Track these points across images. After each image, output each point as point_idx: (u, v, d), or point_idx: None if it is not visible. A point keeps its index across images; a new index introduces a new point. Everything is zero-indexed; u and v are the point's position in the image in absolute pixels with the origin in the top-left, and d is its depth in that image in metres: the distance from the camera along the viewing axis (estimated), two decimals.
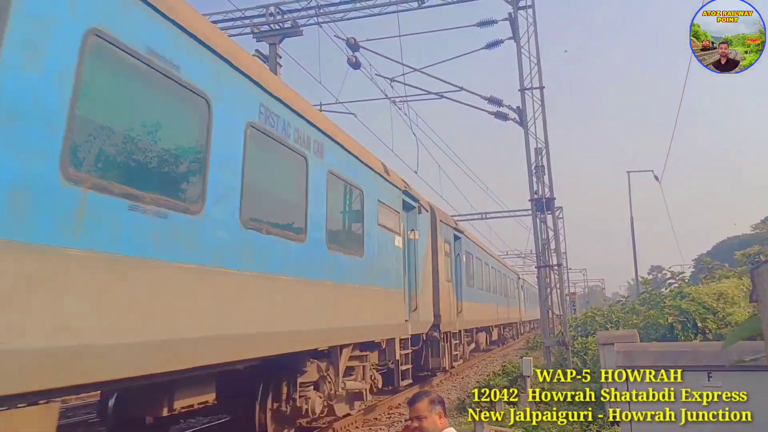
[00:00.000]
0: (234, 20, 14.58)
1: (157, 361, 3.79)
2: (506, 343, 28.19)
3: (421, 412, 3.09)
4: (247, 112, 5.09)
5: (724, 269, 16.31)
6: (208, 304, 4.33)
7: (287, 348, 5.58)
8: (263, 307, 5.15)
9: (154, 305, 3.75)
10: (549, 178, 13.44)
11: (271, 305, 5.29)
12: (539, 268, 13.73)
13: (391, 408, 10.36)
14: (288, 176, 6.08)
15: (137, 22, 3.81)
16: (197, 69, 4.38)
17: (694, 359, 4.18)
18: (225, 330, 4.52)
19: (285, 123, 5.78)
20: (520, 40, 13.64)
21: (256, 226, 5.07)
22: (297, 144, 6.02)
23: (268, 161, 5.62)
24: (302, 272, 5.91)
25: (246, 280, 4.86)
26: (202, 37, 4.44)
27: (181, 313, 3.99)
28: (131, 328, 3.54)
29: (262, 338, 5.14)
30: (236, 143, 4.88)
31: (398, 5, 14.01)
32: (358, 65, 14.78)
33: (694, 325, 10.26)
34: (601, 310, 20.86)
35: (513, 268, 34.79)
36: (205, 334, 4.26)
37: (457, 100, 15.43)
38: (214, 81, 4.61)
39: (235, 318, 4.66)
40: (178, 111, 4.31)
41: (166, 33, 4.07)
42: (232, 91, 4.89)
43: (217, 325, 4.42)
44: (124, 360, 3.49)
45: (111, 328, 3.38)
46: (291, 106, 5.93)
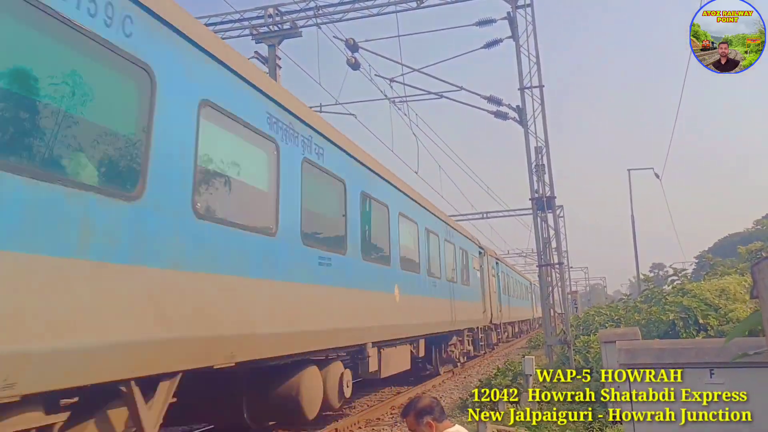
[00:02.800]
0: (233, 22, 14.58)
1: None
2: (527, 332, 36.92)
3: (410, 426, 3.12)
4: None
5: (726, 264, 16.32)
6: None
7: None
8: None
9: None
10: (549, 176, 13.46)
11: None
12: (541, 266, 13.74)
13: (393, 408, 10.37)
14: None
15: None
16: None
17: (697, 356, 4.18)
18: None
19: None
20: (519, 39, 13.64)
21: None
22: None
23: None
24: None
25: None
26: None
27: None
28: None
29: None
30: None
31: (397, 5, 14.01)
32: (358, 66, 14.78)
33: (696, 322, 10.26)
34: (601, 309, 20.86)
35: (528, 277, 41.74)
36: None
37: (456, 99, 15.46)
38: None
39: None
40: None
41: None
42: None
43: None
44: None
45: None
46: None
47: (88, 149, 3.60)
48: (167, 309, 4.02)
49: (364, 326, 7.95)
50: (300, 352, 6.01)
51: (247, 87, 5.37)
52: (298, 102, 6.64)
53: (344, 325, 7.26)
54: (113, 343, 3.54)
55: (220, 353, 4.62)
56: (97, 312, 3.43)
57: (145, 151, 3.94)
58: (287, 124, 6.09)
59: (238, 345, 4.85)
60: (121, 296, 3.62)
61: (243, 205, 5.35)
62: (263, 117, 5.62)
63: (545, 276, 13.58)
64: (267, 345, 5.30)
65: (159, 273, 3.96)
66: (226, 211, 4.95)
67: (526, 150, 13.50)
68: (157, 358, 3.93)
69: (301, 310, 6.02)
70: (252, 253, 5.18)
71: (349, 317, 7.39)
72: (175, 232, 4.18)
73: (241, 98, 5.26)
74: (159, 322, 3.91)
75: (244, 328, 4.95)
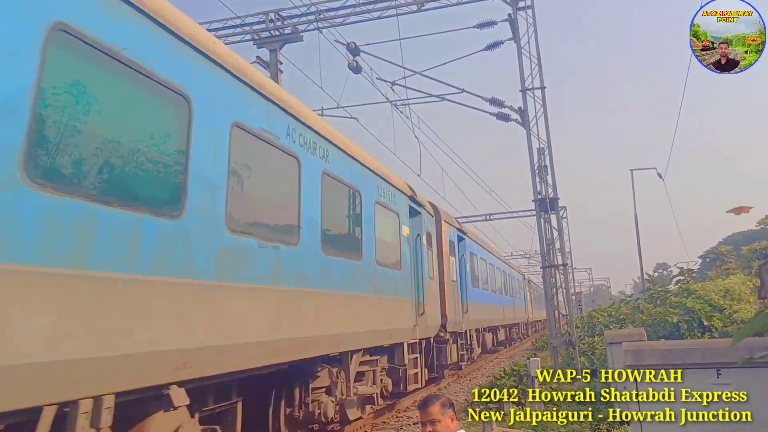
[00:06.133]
0: (234, 27, 14.62)
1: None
2: (513, 344, 28.17)
3: (434, 415, 3.08)
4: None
5: (733, 261, 16.30)
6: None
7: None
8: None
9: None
10: (552, 177, 13.43)
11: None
12: (544, 268, 13.71)
13: (399, 411, 10.36)
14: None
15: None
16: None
17: (703, 357, 4.16)
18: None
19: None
20: (520, 41, 13.65)
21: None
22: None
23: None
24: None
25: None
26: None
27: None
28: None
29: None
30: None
31: (398, 9, 14.04)
32: (359, 69, 14.81)
33: (700, 324, 10.22)
34: (606, 310, 20.80)
35: (518, 269, 34.56)
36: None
37: (458, 102, 15.46)
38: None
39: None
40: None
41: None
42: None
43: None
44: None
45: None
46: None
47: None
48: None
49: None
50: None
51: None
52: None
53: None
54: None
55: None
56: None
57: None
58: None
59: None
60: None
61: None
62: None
63: (549, 277, 13.55)
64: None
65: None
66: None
67: (529, 151, 13.50)
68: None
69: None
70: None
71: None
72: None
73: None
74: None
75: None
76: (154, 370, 3.71)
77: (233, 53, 5.01)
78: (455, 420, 3.14)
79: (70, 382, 3.13)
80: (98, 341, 3.29)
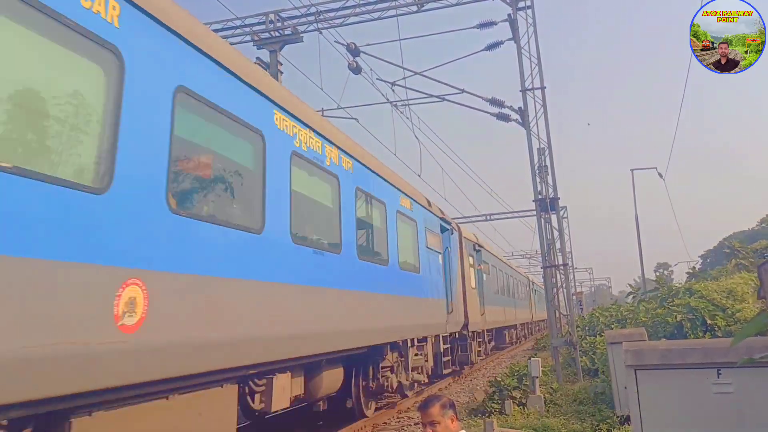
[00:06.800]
0: (234, 28, 14.64)
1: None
2: (520, 341, 30.58)
3: (434, 417, 3.09)
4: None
5: (749, 256, 16.31)
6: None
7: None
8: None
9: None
10: (552, 177, 13.42)
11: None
12: (545, 268, 13.71)
13: (400, 412, 10.36)
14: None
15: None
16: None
17: (703, 357, 4.15)
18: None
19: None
20: (520, 41, 13.64)
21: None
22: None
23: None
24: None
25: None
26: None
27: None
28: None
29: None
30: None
31: (397, 9, 14.04)
32: (359, 70, 14.82)
33: (704, 323, 10.20)
34: (607, 310, 20.78)
35: (525, 273, 36.70)
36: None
37: (458, 102, 15.46)
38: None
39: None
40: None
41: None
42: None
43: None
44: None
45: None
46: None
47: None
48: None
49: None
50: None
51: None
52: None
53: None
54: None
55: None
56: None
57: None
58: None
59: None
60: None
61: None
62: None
63: (550, 277, 13.54)
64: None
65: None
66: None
67: (529, 151, 13.49)
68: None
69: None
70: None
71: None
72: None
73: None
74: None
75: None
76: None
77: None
78: (456, 420, 3.15)
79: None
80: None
